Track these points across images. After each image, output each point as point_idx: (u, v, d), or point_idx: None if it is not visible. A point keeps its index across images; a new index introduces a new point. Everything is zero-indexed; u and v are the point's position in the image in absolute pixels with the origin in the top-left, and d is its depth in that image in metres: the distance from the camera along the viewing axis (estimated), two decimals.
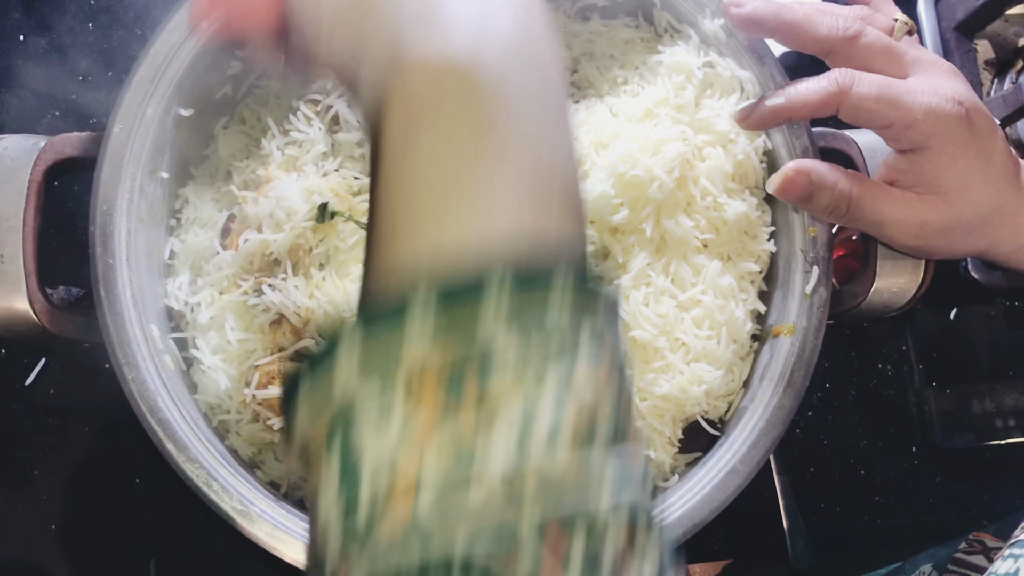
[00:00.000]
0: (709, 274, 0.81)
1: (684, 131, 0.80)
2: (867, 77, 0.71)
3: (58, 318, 0.76)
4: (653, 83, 0.84)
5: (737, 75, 0.82)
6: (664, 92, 0.82)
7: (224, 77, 0.87)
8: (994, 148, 0.74)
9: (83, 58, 1.05)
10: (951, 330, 1.10)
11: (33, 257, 0.75)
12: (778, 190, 0.74)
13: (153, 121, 0.79)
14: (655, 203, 0.80)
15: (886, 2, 0.82)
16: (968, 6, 1.11)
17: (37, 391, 0.96)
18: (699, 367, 0.80)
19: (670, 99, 0.81)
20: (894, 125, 0.71)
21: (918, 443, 1.07)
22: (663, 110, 0.81)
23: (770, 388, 0.79)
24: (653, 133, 0.80)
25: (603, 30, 0.90)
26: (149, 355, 0.75)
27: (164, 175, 0.82)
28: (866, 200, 0.73)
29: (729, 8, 0.77)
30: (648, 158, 0.79)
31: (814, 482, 1.05)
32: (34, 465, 0.96)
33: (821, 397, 1.07)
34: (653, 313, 0.79)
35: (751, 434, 0.78)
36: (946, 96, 0.70)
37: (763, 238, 0.84)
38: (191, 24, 0.73)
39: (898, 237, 0.75)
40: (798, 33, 0.74)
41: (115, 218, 0.76)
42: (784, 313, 0.81)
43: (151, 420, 0.73)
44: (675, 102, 0.81)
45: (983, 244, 0.77)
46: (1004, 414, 1.08)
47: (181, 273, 0.84)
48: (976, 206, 0.74)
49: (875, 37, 0.73)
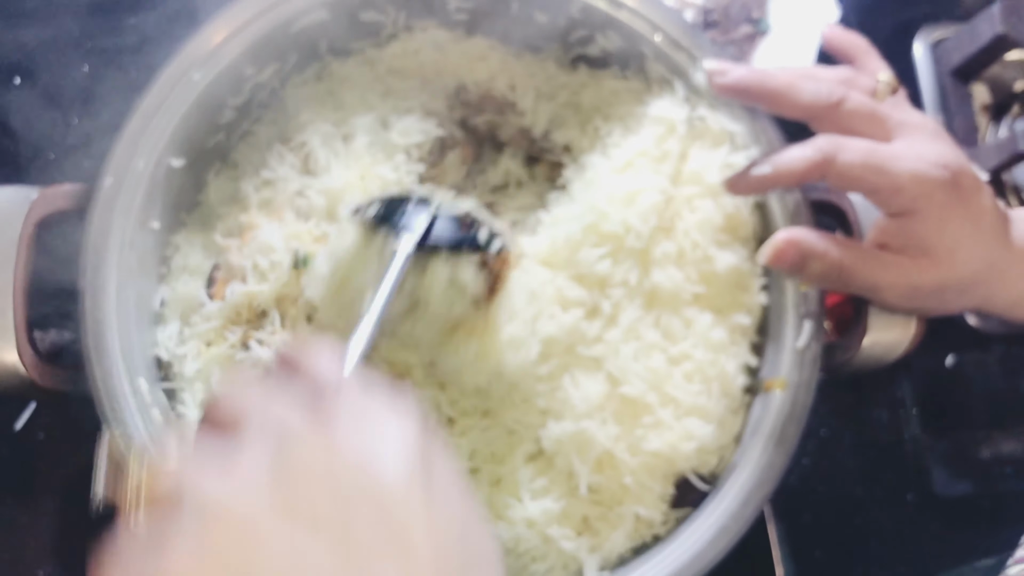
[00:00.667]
0: (700, 327, 0.81)
1: (660, 182, 0.80)
2: (852, 144, 0.71)
3: (47, 372, 0.76)
4: (637, 133, 0.84)
5: (727, 128, 0.82)
6: (644, 143, 0.82)
7: (218, 126, 0.87)
8: (981, 207, 0.74)
9: (77, 101, 1.06)
10: (948, 376, 1.10)
11: (23, 311, 0.75)
12: (769, 261, 0.74)
13: (145, 173, 0.79)
14: (635, 253, 0.80)
15: (872, 57, 0.82)
16: (964, 52, 1.11)
17: (27, 436, 0.96)
18: (690, 422, 0.79)
19: (650, 151, 0.82)
20: (881, 191, 0.71)
21: (915, 491, 1.07)
22: (642, 161, 0.82)
23: (761, 444, 0.78)
24: (628, 183, 0.80)
25: (589, 81, 0.91)
26: (137, 409, 0.75)
27: (155, 225, 0.83)
28: (857, 267, 0.73)
29: (713, 76, 0.77)
30: (622, 209, 0.79)
31: (809, 530, 1.05)
32: (23, 510, 0.96)
33: (817, 443, 1.07)
34: (643, 368, 0.79)
35: (742, 490, 0.77)
36: (931, 160, 0.71)
37: (755, 290, 0.83)
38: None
39: (891, 300, 0.75)
40: (782, 101, 0.74)
41: (105, 271, 0.76)
42: (776, 366, 0.81)
43: None
44: (654, 154, 0.82)
45: (977, 301, 0.77)
46: (1002, 461, 1.08)
47: (170, 322, 0.84)
48: (967, 266, 0.73)
49: (859, 102, 0.73)
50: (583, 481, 0.78)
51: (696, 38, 0.83)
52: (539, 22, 0.88)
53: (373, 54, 0.92)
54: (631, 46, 0.86)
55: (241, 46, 0.82)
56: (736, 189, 0.78)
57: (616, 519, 0.80)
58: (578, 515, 0.80)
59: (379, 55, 0.92)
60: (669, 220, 0.82)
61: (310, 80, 0.92)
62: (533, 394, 0.80)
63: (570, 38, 0.90)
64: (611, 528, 0.80)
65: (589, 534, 0.80)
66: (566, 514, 0.80)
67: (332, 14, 0.85)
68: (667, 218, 0.82)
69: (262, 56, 0.85)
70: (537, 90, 0.93)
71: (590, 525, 0.81)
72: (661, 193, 0.80)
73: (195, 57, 0.80)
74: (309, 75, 0.91)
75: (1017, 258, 0.76)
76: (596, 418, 0.79)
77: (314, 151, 0.86)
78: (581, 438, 0.78)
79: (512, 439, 0.81)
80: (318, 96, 0.91)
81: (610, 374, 0.79)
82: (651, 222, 0.79)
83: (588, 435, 0.78)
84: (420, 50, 0.92)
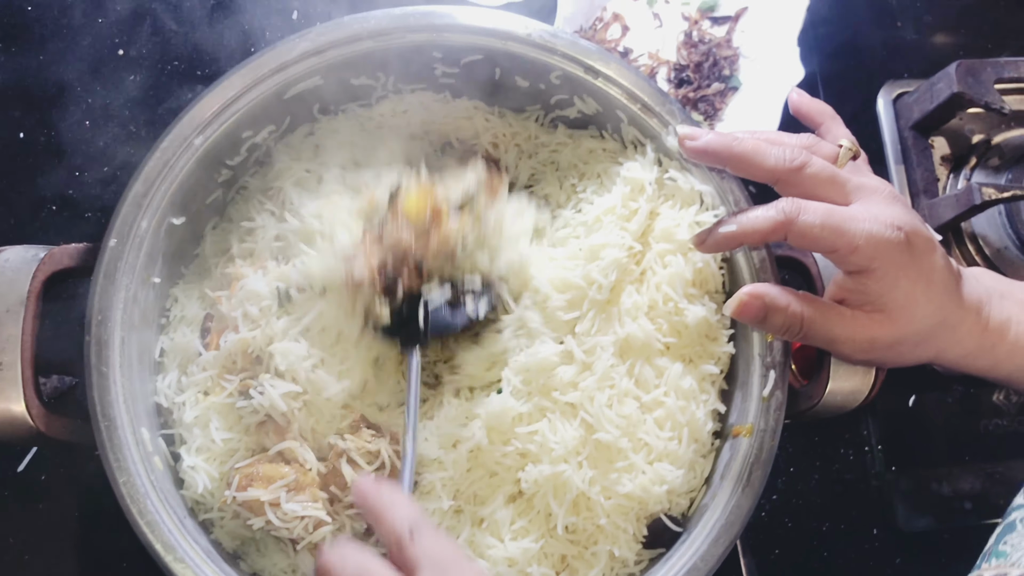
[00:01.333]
0: (671, 376, 0.86)
1: (625, 238, 0.86)
2: (812, 206, 0.76)
3: (53, 422, 0.80)
4: (609, 191, 0.90)
5: (697, 188, 0.87)
6: (613, 201, 0.88)
7: (215, 184, 0.92)
8: (933, 266, 0.78)
9: (79, 154, 1.10)
10: (910, 416, 1.15)
11: (31, 364, 0.79)
12: (734, 313, 0.79)
13: (147, 233, 0.83)
14: (597, 303, 0.86)
15: (836, 124, 0.87)
16: (924, 107, 1.17)
17: (28, 478, 1.00)
18: (661, 467, 0.84)
19: (617, 208, 0.87)
20: (838, 251, 0.76)
21: (879, 525, 1.11)
22: (609, 218, 0.87)
23: (729, 487, 0.83)
24: (595, 239, 0.86)
25: (568, 141, 0.96)
26: (139, 458, 0.79)
27: (156, 280, 0.87)
28: (817, 320, 0.78)
29: (684, 141, 0.82)
30: (585, 264, 0.86)
31: (779, 564, 1.09)
32: (24, 551, 0.99)
33: (785, 480, 1.11)
34: (616, 415, 0.84)
35: (712, 531, 0.82)
36: (886, 222, 0.75)
37: (723, 340, 0.88)
38: None
39: (849, 352, 0.80)
40: (748, 164, 0.79)
41: (110, 327, 0.80)
42: (743, 414, 0.85)
43: (140, 522, 0.76)
44: (621, 212, 0.87)
45: (931, 354, 0.82)
46: (962, 497, 1.13)
47: (170, 372, 0.88)
48: (920, 322, 0.78)
49: (819, 167, 0.78)
50: (560, 522, 0.83)
51: (668, 104, 0.88)
52: (521, 87, 0.94)
53: (362, 113, 0.97)
54: (607, 110, 0.92)
55: (239, 112, 0.87)
56: (704, 247, 0.83)
57: (592, 558, 0.85)
58: (556, 555, 0.85)
59: (368, 114, 0.97)
60: (639, 274, 0.88)
61: (300, 137, 0.97)
62: (513, 437, 0.84)
63: (550, 101, 0.95)
64: (587, 567, 0.85)
65: (567, 573, 0.85)
66: (544, 553, 0.84)
67: (325, 80, 0.90)
68: (637, 272, 0.87)
69: (259, 120, 0.90)
70: (519, 148, 0.98)
71: (567, 564, 0.85)
72: (625, 250, 0.86)
73: (196, 123, 0.85)
74: (300, 134, 0.96)
75: (968, 314, 0.81)
76: (572, 462, 0.83)
77: (288, 193, 0.91)
78: (557, 480, 0.83)
79: (493, 481, 0.86)
80: (304, 148, 0.96)
81: (584, 420, 0.84)
82: (611, 276, 0.85)
83: (564, 478, 0.83)
84: (408, 110, 0.97)
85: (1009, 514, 0.72)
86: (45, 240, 0.86)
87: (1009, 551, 0.68)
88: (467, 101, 0.98)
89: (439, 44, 0.90)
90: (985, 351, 0.82)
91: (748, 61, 1.19)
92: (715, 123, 1.17)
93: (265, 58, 0.87)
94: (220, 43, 1.17)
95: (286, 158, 0.94)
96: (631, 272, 0.88)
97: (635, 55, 1.21)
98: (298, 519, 0.80)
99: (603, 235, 0.87)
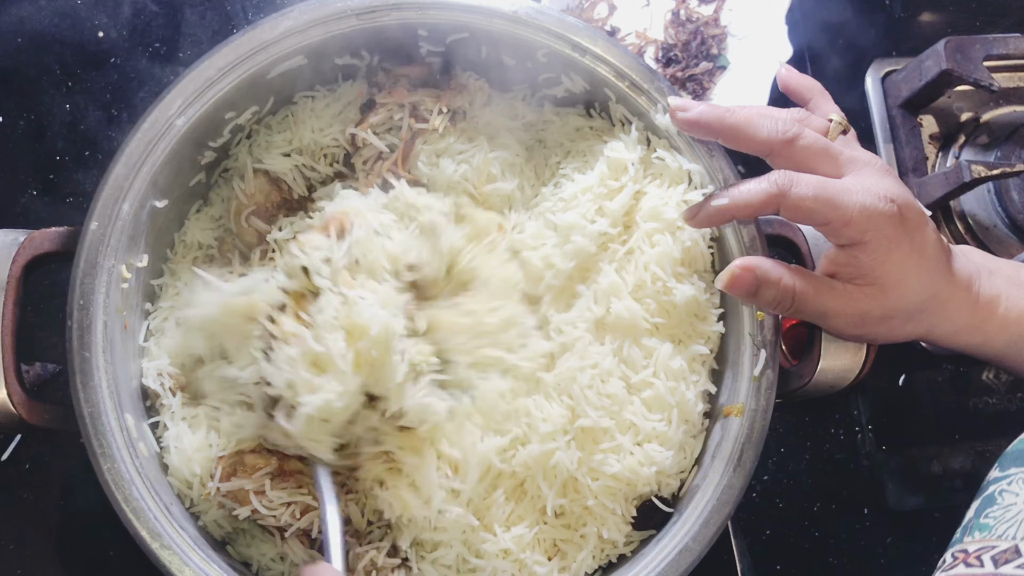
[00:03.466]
0: (661, 357, 0.85)
1: (599, 223, 0.86)
2: (804, 178, 0.75)
3: (35, 409, 0.79)
4: (592, 170, 0.89)
5: (685, 167, 0.86)
6: (590, 181, 0.87)
7: (198, 167, 0.91)
8: (925, 240, 0.78)
9: (60, 138, 1.08)
10: (900, 395, 1.15)
11: (12, 351, 0.78)
12: (726, 286, 0.79)
13: (129, 216, 0.82)
14: (552, 288, 0.87)
15: (825, 100, 0.86)
16: (912, 86, 1.16)
17: (13, 466, 0.99)
18: (650, 448, 0.83)
19: (594, 188, 0.87)
20: (831, 223, 0.75)
21: (870, 505, 1.11)
22: (586, 197, 0.87)
23: (720, 467, 0.82)
24: (566, 216, 0.87)
25: (554, 119, 0.95)
26: (124, 444, 0.78)
27: (139, 264, 0.86)
28: (809, 294, 0.77)
29: (676, 112, 0.81)
30: (551, 247, 0.87)
31: (770, 544, 1.09)
32: (9, 540, 0.98)
33: (776, 461, 1.11)
34: (596, 395, 0.83)
35: (703, 512, 0.81)
36: (879, 195, 0.75)
37: (712, 320, 0.88)
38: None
39: (840, 327, 0.79)
40: (740, 136, 0.78)
41: (92, 312, 0.79)
42: (734, 394, 0.85)
43: (125, 509, 0.75)
44: (598, 191, 0.86)
45: (922, 329, 0.81)
46: (952, 476, 1.13)
47: (156, 355, 0.87)
48: (912, 296, 0.78)
49: (812, 139, 0.78)
50: (549, 503, 0.82)
51: (656, 82, 0.87)
52: (507, 65, 0.92)
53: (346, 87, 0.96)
54: (595, 88, 0.91)
55: (221, 92, 0.85)
56: (694, 221, 0.82)
57: (581, 540, 0.84)
58: (548, 540, 0.84)
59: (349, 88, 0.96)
60: (625, 253, 0.87)
61: (280, 117, 0.95)
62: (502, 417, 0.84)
63: (537, 79, 0.94)
64: (577, 549, 0.84)
65: (558, 557, 0.84)
66: (537, 539, 0.84)
67: (310, 59, 0.89)
68: (622, 252, 0.87)
69: (242, 101, 0.88)
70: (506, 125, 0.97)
71: (559, 549, 0.85)
72: (593, 237, 0.86)
73: (178, 104, 0.83)
74: (282, 115, 0.95)
75: (958, 290, 0.81)
76: (560, 440, 0.83)
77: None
78: (546, 461, 0.82)
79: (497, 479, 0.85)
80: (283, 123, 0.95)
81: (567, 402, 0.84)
82: (569, 264, 0.86)
83: (554, 460, 0.82)
84: None
85: (987, 487, 0.72)
86: (25, 225, 0.84)
87: (993, 523, 0.67)
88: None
89: (424, 22, 0.88)
90: (975, 327, 0.82)
91: (736, 40, 1.18)
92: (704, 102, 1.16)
93: (247, 37, 0.85)
94: (202, 24, 1.15)
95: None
96: (611, 251, 0.87)
97: (623, 34, 1.20)
98: (284, 506, 0.79)
99: (574, 215, 0.86)
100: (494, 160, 0.91)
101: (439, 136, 0.91)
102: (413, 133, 0.91)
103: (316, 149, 0.93)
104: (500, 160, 0.91)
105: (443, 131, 0.90)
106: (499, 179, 0.91)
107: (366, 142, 0.90)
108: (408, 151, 0.90)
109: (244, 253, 0.93)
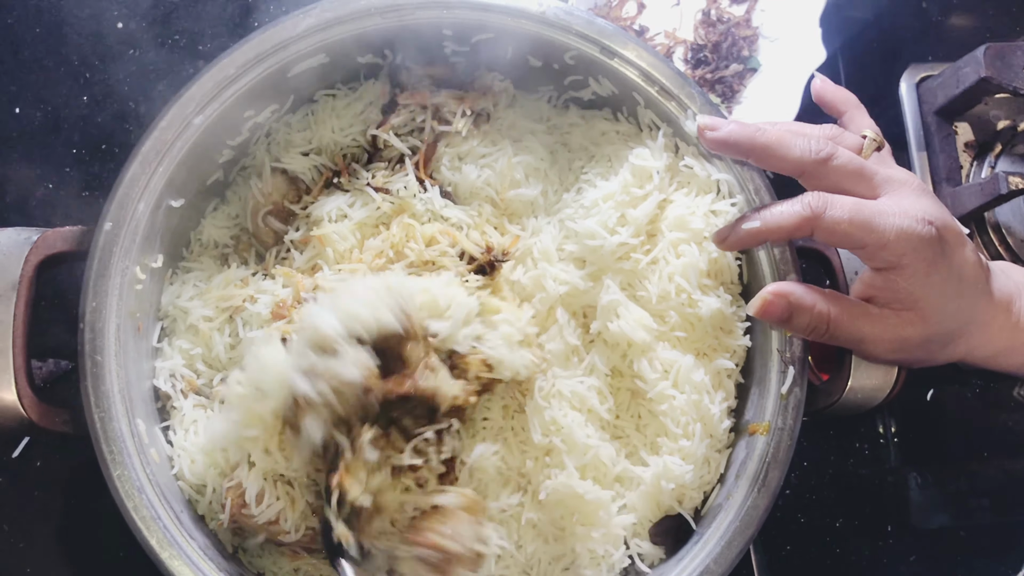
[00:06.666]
0: (682, 369, 0.83)
1: (620, 233, 0.83)
2: (839, 200, 0.72)
3: (46, 413, 0.77)
4: (617, 175, 0.86)
5: (714, 177, 0.84)
6: (612, 188, 0.85)
7: (216, 165, 0.89)
8: (964, 261, 0.75)
9: (76, 131, 1.07)
10: (928, 410, 1.12)
11: (23, 352, 0.76)
12: (758, 312, 0.76)
13: (144, 216, 0.80)
14: (555, 299, 0.85)
15: (861, 113, 0.84)
16: (948, 92, 1.13)
17: (23, 464, 0.97)
18: (672, 461, 0.81)
19: (616, 195, 0.84)
20: (868, 247, 0.72)
21: (893, 522, 1.09)
22: (608, 204, 0.84)
23: (744, 487, 0.80)
24: (585, 225, 0.84)
25: (580, 122, 0.92)
26: (135, 451, 0.76)
27: (154, 265, 0.84)
28: (844, 320, 0.75)
29: (704, 132, 0.79)
30: (562, 265, 0.85)
31: (791, 560, 1.07)
32: (19, 538, 0.97)
33: (799, 475, 1.09)
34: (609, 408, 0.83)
35: (725, 533, 0.79)
36: (916, 216, 0.72)
37: (738, 333, 0.85)
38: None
39: (877, 353, 0.77)
40: (771, 156, 0.76)
41: (105, 315, 0.78)
42: (760, 411, 0.83)
43: (135, 517, 0.74)
44: (620, 199, 0.84)
45: (961, 352, 0.79)
46: (978, 494, 1.10)
47: (169, 356, 0.85)
48: (951, 319, 0.75)
49: (846, 159, 0.75)
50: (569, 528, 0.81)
51: (687, 88, 0.85)
52: (533, 66, 0.90)
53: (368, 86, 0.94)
54: (623, 92, 0.88)
55: (241, 90, 0.83)
56: (725, 244, 0.79)
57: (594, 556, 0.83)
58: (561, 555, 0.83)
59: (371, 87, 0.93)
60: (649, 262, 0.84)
61: (300, 116, 0.93)
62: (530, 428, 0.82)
63: (564, 82, 0.91)
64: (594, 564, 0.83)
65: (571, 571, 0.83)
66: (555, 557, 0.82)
67: (331, 57, 0.86)
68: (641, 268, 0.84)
69: (261, 99, 0.86)
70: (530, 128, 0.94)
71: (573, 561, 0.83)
72: (612, 248, 0.83)
73: (196, 102, 0.82)
74: (302, 114, 0.92)
75: (998, 312, 0.78)
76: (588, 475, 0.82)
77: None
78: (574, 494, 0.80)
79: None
80: (302, 122, 0.93)
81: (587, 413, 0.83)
82: (579, 283, 0.85)
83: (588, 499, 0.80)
84: None
85: None
86: (41, 221, 0.83)
87: None
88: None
89: (449, 21, 0.86)
90: (1016, 349, 0.79)
91: (768, 41, 1.15)
92: (733, 105, 1.13)
93: (268, 34, 0.83)
94: (222, 16, 1.13)
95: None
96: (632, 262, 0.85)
97: (651, 34, 1.18)
98: (296, 530, 0.78)
99: (594, 222, 0.84)
100: (518, 165, 0.88)
101: (462, 139, 0.88)
102: (436, 135, 0.88)
103: (336, 149, 0.91)
104: (524, 164, 0.89)
105: (466, 134, 0.88)
106: (523, 184, 0.88)
107: (387, 144, 0.88)
108: (430, 154, 0.88)
109: (260, 253, 0.91)
